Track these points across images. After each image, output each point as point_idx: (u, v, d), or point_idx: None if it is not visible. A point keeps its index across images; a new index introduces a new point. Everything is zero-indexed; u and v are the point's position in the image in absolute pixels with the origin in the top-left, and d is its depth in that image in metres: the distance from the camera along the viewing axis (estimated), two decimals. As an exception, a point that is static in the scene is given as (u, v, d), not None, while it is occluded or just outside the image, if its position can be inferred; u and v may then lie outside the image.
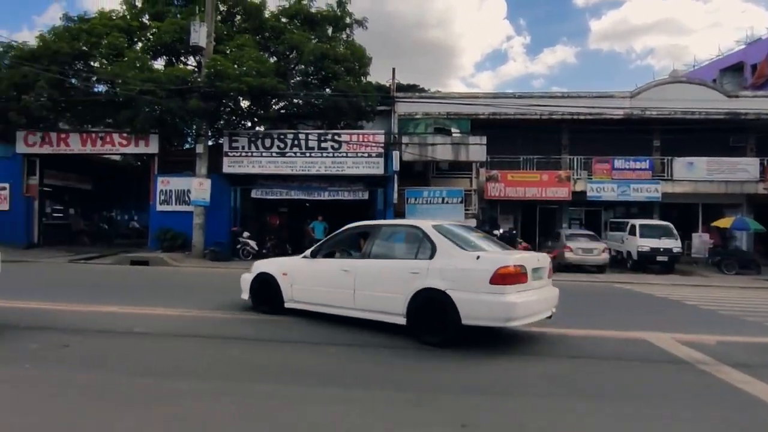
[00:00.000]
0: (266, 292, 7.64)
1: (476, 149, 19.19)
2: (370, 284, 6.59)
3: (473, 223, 19.16)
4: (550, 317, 6.51)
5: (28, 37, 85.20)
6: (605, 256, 17.42)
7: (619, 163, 20.75)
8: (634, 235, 18.13)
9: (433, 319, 6.02)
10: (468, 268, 5.89)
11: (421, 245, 6.39)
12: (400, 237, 7.02)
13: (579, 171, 21.29)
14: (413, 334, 6.18)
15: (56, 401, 3.96)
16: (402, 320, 6.25)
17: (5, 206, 19.78)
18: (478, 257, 6.00)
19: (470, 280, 5.82)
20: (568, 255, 17.29)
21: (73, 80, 18.80)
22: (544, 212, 22.37)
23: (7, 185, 19.97)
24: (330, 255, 7.46)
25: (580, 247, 17.40)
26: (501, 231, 19.07)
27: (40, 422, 3.56)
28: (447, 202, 19.04)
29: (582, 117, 20.45)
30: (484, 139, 19.10)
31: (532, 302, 5.99)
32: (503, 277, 5.67)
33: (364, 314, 6.66)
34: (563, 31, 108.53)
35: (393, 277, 6.40)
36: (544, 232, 21.68)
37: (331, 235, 7.97)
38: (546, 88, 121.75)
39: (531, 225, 22.33)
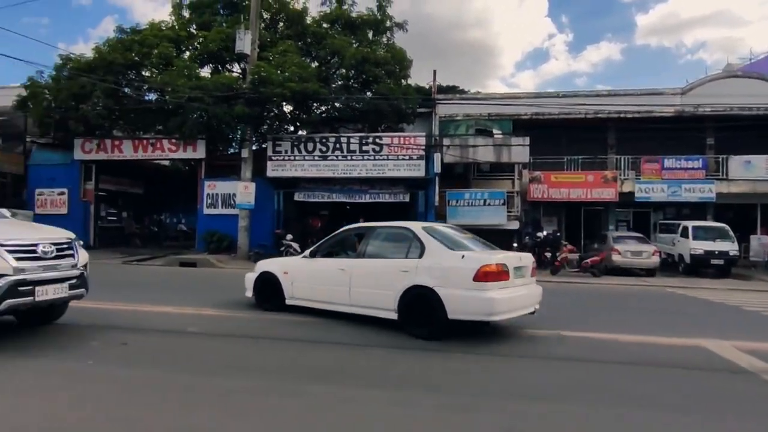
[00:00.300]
0: (268, 291, 8.04)
1: (518, 150, 18.91)
2: (364, 282, 6.99)
3: (516, 225, 18.96)
4: (533, 313, 6.86)
5: (83, 48, 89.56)
6: (655, 260, 16.80)
7: (669, 162, 19.97)
8: (687, 237, 17.42)
9: (422, 314, 6.40)
10: (454, 266, 6.29)
11: (412, 245, 6.79)
12: (392, 238, 7.37)
13: (626, 171, 20.65)
14: (404, 328, 6.54)
15: (117, 397, 4.13)
16: (393, 315, 6.64)
17: (64, 210, 20.84)
18: (463, 256, 6.36)
19: (456, 277, 6.21)
20: (615, 258, 16.76)
21: (127, 89, 19.65)
22: (589, 214, 21.79)
23: (65, 190, 21.06)
24: (328, 255, 7.85)
25: (628, 249, 16.83)
26: (544, 233, 18.76)
27: (102, 416, 3.72)
28: (489, 204, 18.82)
29: (629, 115, 19.85)
30: (527, 140, 18.81)
31: (513, 298, 6.36)
32: (486, 275, 6.06)
33: (358, 310, 7.06)
34: (608, 27, 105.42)
35: (385, 275, 6.81)
36: (590, 235, 21.14)
37: (329, 236, 8.29)
38: (590, 87, 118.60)
39: (575, 227, 21.79)
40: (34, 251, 5.40)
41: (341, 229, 8.18)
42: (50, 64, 23.03)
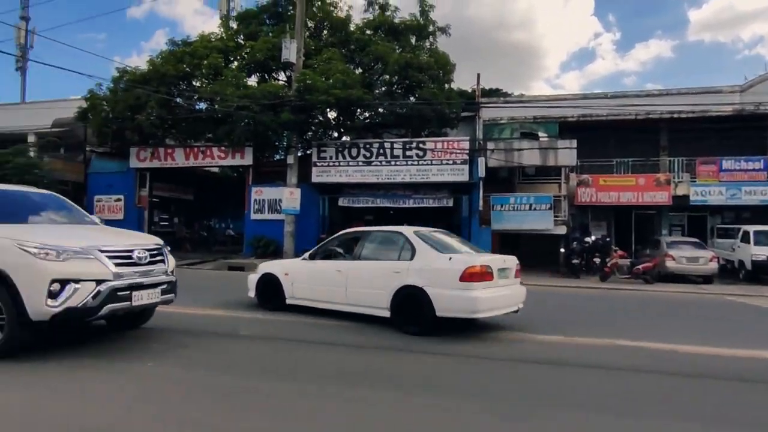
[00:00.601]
0: (270, 291, 8.55)
1: (565, 153, 18.50)
2: (360, 282, 7.52)
3: (563, 230, 18.53)
4: (516, 312, 7.36)
5: (137, 61, 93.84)
6: (713, 266, 16.06)
7: (728, 163, 19.05)
8: (748, 242, 16.55)
9: (412, 312, 6.90)
10: (442, 267, 6.80)
11: (403, 248, 7.31)
12: (385, 241, 7.83)
13: (680, 173, 19.87)
14: (396, 325, 7.04)
15: (177, 398, 4.31)
16: (386, 313, 7.15)
17: (120, 216, 21.82)
18: (450, 258, 6.91)
19: (443, 278, 6.71)
20: (669, 264, 16.13)
21: (179, 99, 20.42)
22: (640, 218, 21.06)
23: (122, 197, 22.08)
24: (326, 257, 8.41)
25: (683, 255, 16.16)
26: (593, 238, 18.26)
27: (162, 417, 3.88)
28: (534, 209, 18.48)
29: (684, 115, 19.06)
30: (574, 143, 18.40)
31: (496, 298, 6.86)
32: (471, 276, 6.57)
33: (354, 309, 7.56)
34: (658, 24, 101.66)
35: (379, 276, 7.32)
36: (641, 240, 20.42)
37: (327, 239, 8.97)
38: (639, 86, 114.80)
39: (626, 232, 21.10)
40: (130, 257, 5.52)
41: (339, 233, 8.77)
42: (108, 76, 24.37)
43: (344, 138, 20.93)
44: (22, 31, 30.86)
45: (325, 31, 21.96)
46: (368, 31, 21.19)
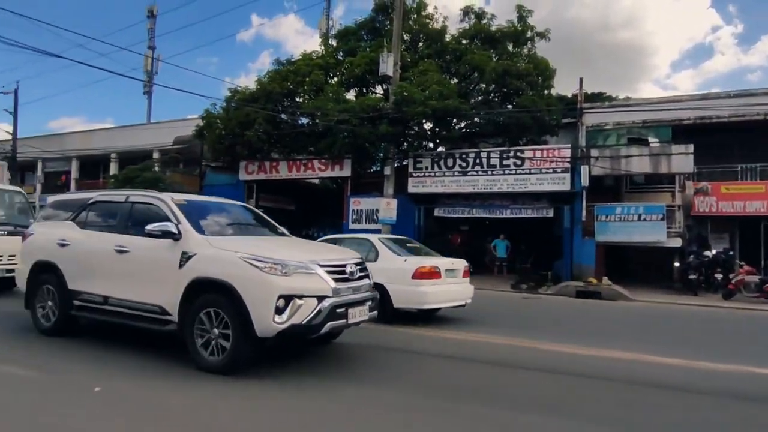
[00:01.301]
0: None
1: (680, 159, 17.07)
2: None
3: (678, 242, 17.11)
4: (464, 306, 8.88)
5: (245, 81, 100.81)
6: None
7: None
8: None
9: None
10: (398, 267, 8.39)
11: (369, 251, 8.73)
12: (356, 245, 8.79)
13: (822, 180, 17.55)
14: None
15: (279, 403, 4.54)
16: None
17: (233, 225, 23.40)
18: (405, 260, 8.55)
19: (399, 276, 8.26)
20: (809, 282, 14.29)
21: (283, 115, 21.61)
22: (771, 230, 18.85)
23: (232, 208, 23.69)
24: None
25: (827, 273, 14.24)
26: (713, 252, 16.77)
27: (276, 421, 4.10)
28: (645, 220, 17.20)
29: (825, 114, 16.88)
30: (690, 147, 16.90)
31: (443, 293, 8.39)
32: (421, 274, 8.17)
33: None
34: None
35: None
36: (773, 254, 18.25)
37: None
38: (767, 83, 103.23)
39: (753, 245, 18.91)
40: (344, 271, 5.27)
41: (317, 240, 10.02)
42: (221, 96, 26.41)
43: (440, 148, 20.92)
44: (149, 59, 34.46)
45: (421, 43, 22.14)
46: (464, 41, 21.06)
